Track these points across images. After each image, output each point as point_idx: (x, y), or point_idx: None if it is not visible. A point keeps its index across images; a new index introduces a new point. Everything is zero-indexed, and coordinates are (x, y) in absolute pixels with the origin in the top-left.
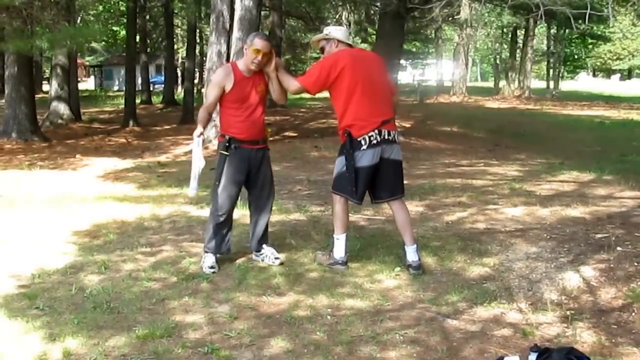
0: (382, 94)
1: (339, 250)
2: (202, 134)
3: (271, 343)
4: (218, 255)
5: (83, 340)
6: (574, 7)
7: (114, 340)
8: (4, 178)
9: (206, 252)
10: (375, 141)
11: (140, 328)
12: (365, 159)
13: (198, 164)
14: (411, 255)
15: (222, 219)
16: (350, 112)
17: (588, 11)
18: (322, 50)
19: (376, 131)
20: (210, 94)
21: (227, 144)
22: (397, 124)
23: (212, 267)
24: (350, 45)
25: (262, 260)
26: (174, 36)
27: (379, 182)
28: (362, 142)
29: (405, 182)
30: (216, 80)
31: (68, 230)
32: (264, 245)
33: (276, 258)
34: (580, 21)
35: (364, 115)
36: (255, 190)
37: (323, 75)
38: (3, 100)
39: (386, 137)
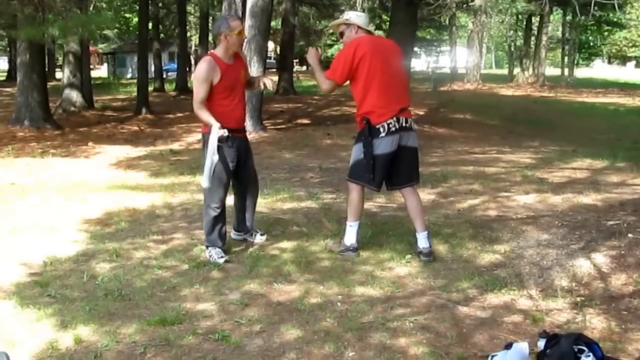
0: (399, 81)
1: (351, 237)
2: (221, 127)
3: (281, 330)
4: (222, 246)
5: (94, 328)
6: None
7: (125, 327)
8: (17, 166)
9: (208, 247)
10: (393, 128)
11: (152, 315)
12: (384, 146)
13: (213, 157)
14: (422, 242)
15: (219, 210)
16: (369, 100)
17: None
18: (342, 35)
19: (394, 119)
20: (199, 91)
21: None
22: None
23: (222, 257)
24: (369, 32)
25: (253, 238)
26: (187, 23)
27: (396, 169)
28: (381, 129)
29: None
30: (203, 76)
31: (80, 218)
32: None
33: (262, 234)
34: (595, 8)
35: (382, 103)
36: (246, 177)
37: (347, 66)
38: (15, 88)
39: (404, 124)
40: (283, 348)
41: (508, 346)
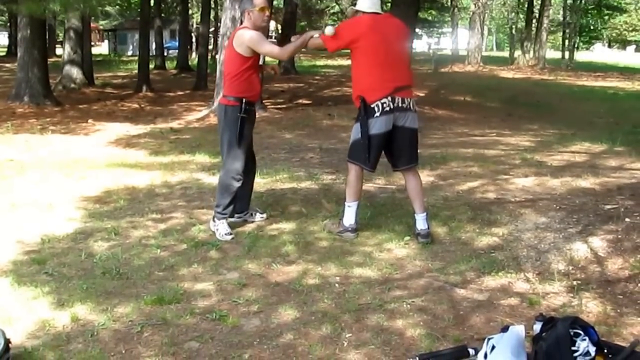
0: (398, 60)
1: (349, 217)
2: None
3: (279, 310)
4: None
5: (91, 306)
6: None
7: (123, 306)
8: (16, 142)
9: (221, 218)
10: (388, 108)
11: (149, 294)
12: (378, 126)
13: None
14: (420, 223)
15: (242, 180)
16: (364, 78)
17: None
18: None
19: (389, 98)
20: (266, 44)
21: (246, 107)
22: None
23: (229, 234)
24: (376, 13)
25: (253, 217)
26: (189, 1)
27: (396, 150)
28: (376, 108)
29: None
30: (259, 36)
31: (78, 195)
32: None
33: (262, 213)
34: None
35: (377, 81)
36: (251, 150)
37: (339, 34)
38: (15, 64)
39: (400, 104)
40: (280, 329)
41: (504, 329)
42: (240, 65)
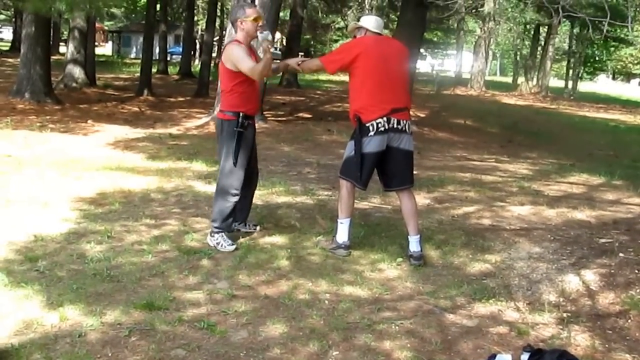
0: (396, 82)
1: (342, 234)
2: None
3: (267, 324)
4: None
5: (80, 307)
6: (597, 8)
7: (112, 309)
8: (14, 138)
9: (218, 232)
10: (382, 128)
11: (139, 299)
12: (372, 145)
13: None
14: (413, 245)
15: (239, 195)
16: (361, 98)
17: (607, 19)
18: (355, 37)
19: (385, 118)
20: (247, 61)
21: (243, 122)
22: (411, 113)
23: (232, 244)
24: (378, 34)
25: (247, 227)
26: (195, 7)
27: (388, 170)
28: (370, 128)
29: (414, 172)
30: (243, 53)
31: (74, 195)
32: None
33: (255, 225)
34: (602, 23)
35: (374, 102)
36: (252, 164)
37: (339, 56)
38: (18, 59)
39: (395, 125)
40: (267, 342)
41: (492, 357)
42: (231, 80)
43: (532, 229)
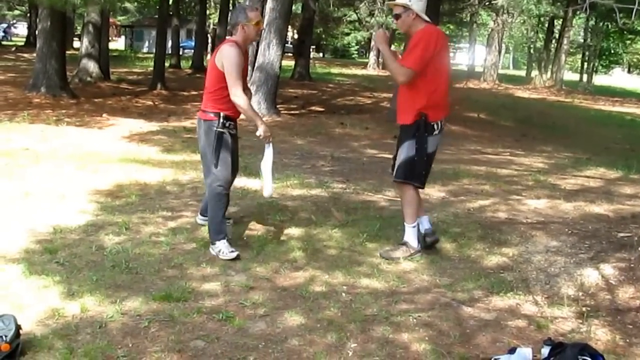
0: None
1: (414, 239)
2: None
3: (285, 315)
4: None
5: (100, 298)
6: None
7: (131, 300)
8: (31, 131)
9: (220, 239)
10: (444, 127)
11: (157, 290)
12: (433, 144)
13: (270, 163)
14: (425, 224)
15: (227, 196)
16: (431, 95)
17: (636, 6)
18: (397, 17)
19: (444, 118)
20: (237, 77)
21: (224, 122)
22: None
23: (233, 251)
24: (427, 21)
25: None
26: (207, 1)
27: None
28: (435, 126)
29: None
30: (238, 61)
31: (91, 188)
32: None
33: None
34: (622, 14)
35: (443, 101)
36: (236, 163)
37: (428, 54)
38: (33, 54)
39: (444, 125)
40: (286, 334)
41: (512, 350)
42: (219, 82)
43: (549, 222)
